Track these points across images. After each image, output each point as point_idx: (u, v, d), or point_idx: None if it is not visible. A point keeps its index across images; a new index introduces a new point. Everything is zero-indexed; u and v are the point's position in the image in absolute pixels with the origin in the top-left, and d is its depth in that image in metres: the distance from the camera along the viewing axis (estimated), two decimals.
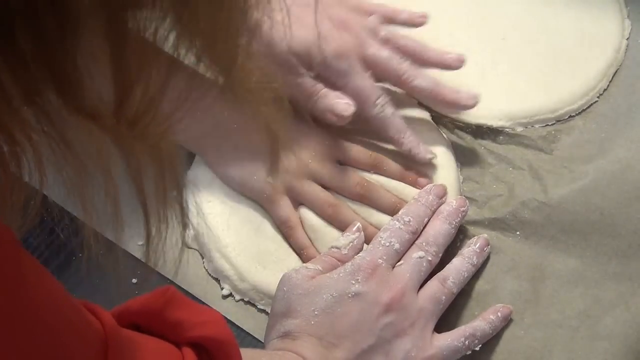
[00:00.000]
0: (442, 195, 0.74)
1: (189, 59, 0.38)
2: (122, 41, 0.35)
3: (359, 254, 0.70)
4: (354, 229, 0.74)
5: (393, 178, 0.77)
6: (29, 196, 0.42)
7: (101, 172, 0.40)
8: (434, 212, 0.73)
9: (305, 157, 0.76)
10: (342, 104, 0.74)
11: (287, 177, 0.76)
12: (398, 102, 0.81)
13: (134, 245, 0.72)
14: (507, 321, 0.71)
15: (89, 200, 0.41)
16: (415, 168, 0.77)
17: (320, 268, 0.69)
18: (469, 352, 0.70)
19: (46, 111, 0.36)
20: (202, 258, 0.77)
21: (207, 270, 0.77)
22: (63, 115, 0.36)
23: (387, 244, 0.70)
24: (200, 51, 0.38)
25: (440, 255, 0.72)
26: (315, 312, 0.66)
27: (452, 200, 0.74)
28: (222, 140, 0.77)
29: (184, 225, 0.49)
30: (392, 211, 0.75)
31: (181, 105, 0.39)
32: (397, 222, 0.72)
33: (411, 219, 0.72)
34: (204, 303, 0.74)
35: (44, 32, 0.33)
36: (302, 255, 0.75)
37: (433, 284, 0.70)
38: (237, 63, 0.40)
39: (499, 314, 0.71)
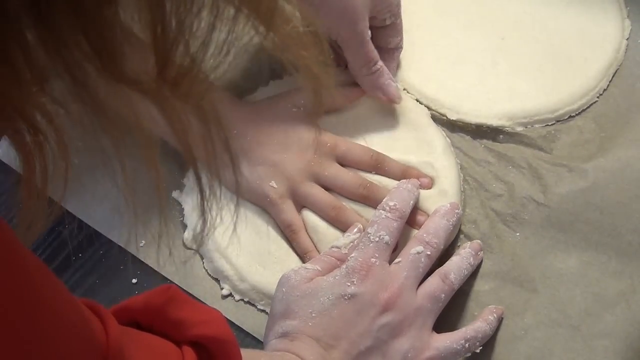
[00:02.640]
0: (417, 184, 0.75)
1: (228, 11, 0.37)
2: (161, 1, 0.34)
3: (351, 255, 0.69)
4: (355, 229, 0.74)
5: (394, 178, 0.77)
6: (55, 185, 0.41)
7: (141, 138, 0.39)
8: (417, 198, 0.74)
9: (307, 159, 0.76)
10: (393, 88, 0.78)
11: (290, 181, 0.76)
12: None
13: (135, 246, 0.72)
14: (500, 322, 0.71)
15: (128, 172, 0.41)
16: (416, 168, 0.78)
17: (319, 268, 0.69)
18: (468, 354, 0.69)
19: (84, 82, 0.35)
20: (202, 258, 0.77)
21: (206, 270, 0.77)
22: (102, 85, 0.36)
23: (377, 239, 0.69)
24: (239, 2, 0.37)
25: (442, 248, 0.72)
26: (313, 314, 0.66)
27: (447, 204, 0.74)
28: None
29: (237, 179, 0.48)
30: None
31: (223, 60, 0.39)
32: (382, 212, 0.71)
33: (396, 203, 0.71)
34: (203, 303, 0.74)
35: (80, 2, 0.33)
36: (305, 258, 0.75)
37: (433, 281, 0.69)
38: (277, 10, 0.39)
39: (495, 314, 0.71)
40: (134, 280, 0.75)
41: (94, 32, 0.34)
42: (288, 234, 0.76)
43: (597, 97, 0.81)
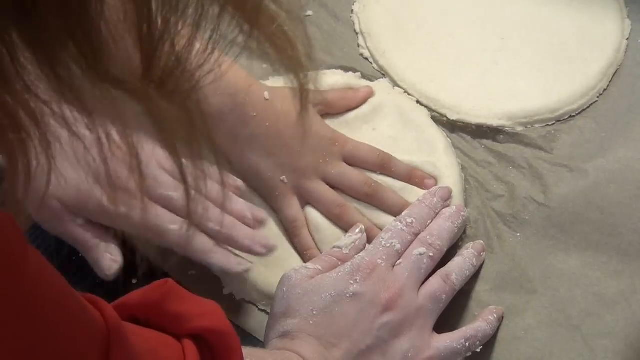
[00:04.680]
0: (446, 198, 0.74)
1: (213, 9, 0.37)
2: (148, 0, 0.34)
3: (358, 254, 0.70)
4: (357, 230, 0.74)
5: (400, 178, 0.77)
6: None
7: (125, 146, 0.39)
8: (436, 215, 0.73)
9: (315, 156, 0.76)
10: None
11: (297, 176, 0.76)
12: (398, 102, 0.81)
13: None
14: (500, 322, 0.71)
15: (113, 174, 0.40)
16: (420, 168, 0.77)
17: (320, 268, 0.69)
18: (469, 354, 0.69)
19: (70, 82, 0.35)
20: None
21: (207, 270, 0.76)
22: (87, 85, 0.35)
23: (388, 244, 0.70)
24: (224, 0, 0.37)
25: (444, 250, 0.72)
26: (314, 312, 0.66)
27: (453, 206, 0.74)
28: (239, 128, 0.74)
29: (223, 180, 0.48)
30: (399, 213, 0.74)
31: (208, 58, 0.39)
32: (399, 224, 0.71)
33: (414, 221, 0.72)
34: None
35: (67, 2, 0.33)
36: (305, 256, 0.75)
37: (435, 281, 0.70)
38: (262, 8, 0.39)
39: (495, 314, 0.71)
40: (134, 281, 0.75)
41: (80, 32, 0.34)
42: (291, 229, 0.76)
43: (598, 97, 0.81)
